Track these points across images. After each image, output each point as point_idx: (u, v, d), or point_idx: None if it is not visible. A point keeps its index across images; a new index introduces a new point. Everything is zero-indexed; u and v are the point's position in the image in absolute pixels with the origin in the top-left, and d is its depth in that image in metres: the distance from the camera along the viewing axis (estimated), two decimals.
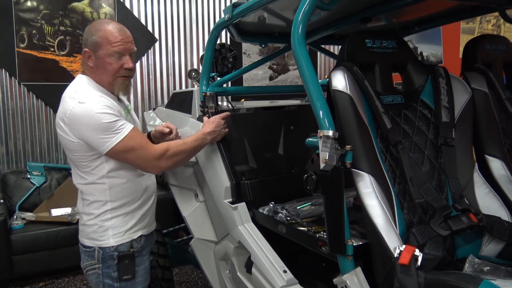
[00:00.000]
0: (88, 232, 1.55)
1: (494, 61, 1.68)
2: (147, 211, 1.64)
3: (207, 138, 1.70)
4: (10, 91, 3.68)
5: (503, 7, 1.58)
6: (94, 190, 1.52)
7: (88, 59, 1.50)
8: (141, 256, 1.61)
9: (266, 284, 1.49)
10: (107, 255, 1.53)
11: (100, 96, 1.47)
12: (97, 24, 1.51)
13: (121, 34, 1.49)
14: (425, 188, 1.30)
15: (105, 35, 1.47)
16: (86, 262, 1.57)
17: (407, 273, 1.08)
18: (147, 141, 1.53)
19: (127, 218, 1.56)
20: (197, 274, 3.20)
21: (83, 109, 1.41)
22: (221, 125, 1.76)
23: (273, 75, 4.98)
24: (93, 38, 1.47)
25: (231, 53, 2.22)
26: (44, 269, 3.17)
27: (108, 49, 1.47)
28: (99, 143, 1.42)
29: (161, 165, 1.53)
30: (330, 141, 1.12)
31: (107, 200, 1.52)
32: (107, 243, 1.52)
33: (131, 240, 1.56)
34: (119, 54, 1.49)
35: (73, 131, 1.43)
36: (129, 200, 1.56)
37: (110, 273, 1.54)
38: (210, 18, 4.49)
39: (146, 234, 1.64)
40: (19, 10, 3.64)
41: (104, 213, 1.53)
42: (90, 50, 1.49)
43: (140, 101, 4.22)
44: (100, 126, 1.40)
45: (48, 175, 3.60)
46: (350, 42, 1.38)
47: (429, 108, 1.45)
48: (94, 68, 1.51)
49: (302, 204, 1.65)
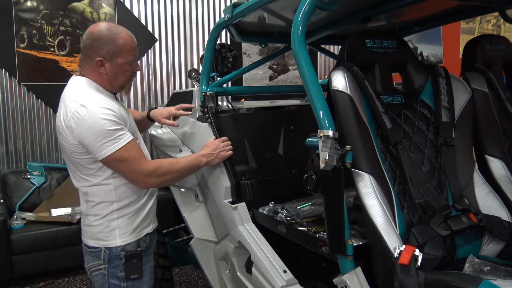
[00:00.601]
0: (93, 233, 1.54)
1: (494, 61, 1.68)
2: (150, 208, 1.65)
3: (202, 161, 1.70)
4: (10, 91, 3.68)
5: (503, 7, 1.58)
6: (99, 191, 1.51)
7: (100, 67, 1.48)
8: (147, 255, 1.62)
9: (266, 284, 1.49)
10: (113, 255, 1.52)
11: (103, 99, 1.46)
12: (110, 32, 1.47)
13: (135, 41, 1.52)
14: (425, 188, 1.30)
15: (124, 44, 1.48)
16: (91, 263, 1.56)
17: (407, 273, 1.08)
18: (142, 155, 1.52)
19: (133, 217, 1.56)
20: (197, 274, 3.20)
21: (85, 113, 1.40)
22: (219, 148, 1.75)
23: (273, 75, 4.98)
24: (111, 47, 1.46)
25: (231, 53, 2.22)
26: (44, 269, 3.16)
27: (127, 57, 1.49)
28: (97, 148, 1.41)
29: (150, 182, 1.53)
30: (330, 141, 1.12)
31: (113, 200, 1.52)
32: (114, 243, 1.52)
33: (138, 239, 1.57)
34: (134, 61, 1.53)
35: (74, 134, 1.42)
36: (134, 199, 1.56)
37: (116, 273, 1.53)
38: (210, 18, 4.49)
39: (150, 232, 1.65)
40: (19, 10, 3.64)
41: (110, 214, 1.52)
42: (106, 58, 1.47)
43: (140, 101, 4.22)
44: (101, 132, 1.40)
45: (48, 175, 3.60)
46: (350, 42, 1.38)
47: (429, 108, 1.45)
48: (106, 75, 1.50)
49: (302, 204, 1.65)
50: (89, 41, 1.47)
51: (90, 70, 1.51)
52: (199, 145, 1.95)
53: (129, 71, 1.53)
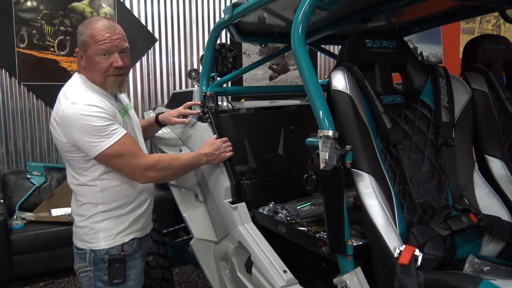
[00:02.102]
0: (80, 234, 1.53)
1: (494, 61, 1.68)
2: (142, 214, 1.61)
3: (202, 159, 1.67)
4: (10, 91, 3.68)
5: (503, 7, 1.58)
6: (86, 191, 1.50)
7: (80, 59, 1.48)
8: (133, 260, 1.58)
9: (266, 284, 1.49)
10: (98, 258, 1.50)
11: (95, 97, 1.44)
12: (86, 22, 1.47)
13: (109, 31, 1.43)
14: (425, 188, 1.30)
15: (92, 34, 1.43)
16: (79, 264, 1.55)
17: (407, 273, 1.08)
18: (139, 149, 1.50)
19: (119, 221, 1.53)
20: (197, 274, 3.20)
21: (74, 111, 1.38)
22: (221, 149, 1.72)
23: (273, 75, 4.98)
24: (82, 38, 1.45)
25: (231, 53, 2.22)
26: (44, 269, 3.17)
27: (95, 47, 1.43)
28: (89, 146, 1.39)
29: (149, 175, 1.50)
30: (330, 141, 1.12)
31: (98, 202, 1.50)
32: (98, 246, 1.50)
33: (122, 244, 1.53)
34: (107, 52, 1.44)
35: (64, 132, 1.40)
36: (122, 203, 1.54)
37: (101, 276, 1.52)
38: (210, 18, 4.49)
39: (139, 237, 1.61)
40: (19, 10, 3.64)
41: (95, 215, 1.50)
42: (80, 50, 1.47)
43: (140, 101, 4.22)
44: (90, 129, 1.37)
45: (48, 175, 3.60)
46: (350, 42, 1.38)
47: (429, 108, 1.45)
48: (86, 67, 1.49)
49: (302, 204, 1.65)
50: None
51: (78, 65, 1.52)
52: (199, 145, 1.95)
53: (102, 64, 1.45)
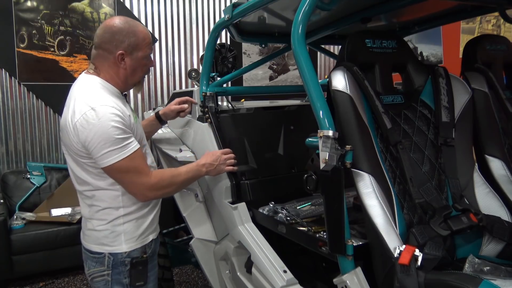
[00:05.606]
0: (97, 238, 1.47)
1: (494, 61, 1.68)
2: (156, 213, 1.60)
3: (202, 171, 1.64)
4: (10, 91, 3.68)
5: (503, 7, 1.58)
6: (105, 196, 1.45)
7: (121, 62, 1.44)
8: (152, 261, 1.58)
9: (266, 284, 1.49)
10: (118, 261, 1.46)
11: (112, 100, 1.39)
12: (130, 25, 1.44)
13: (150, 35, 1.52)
14: (425, 188, 1.30)
15: (143, 37, 1.46)
16: (93, 268, 1.48)
17: (407, 273, 1.08)
18: (145, 166, 1.45)
19: (139, 223, 1.50)
20: (197, 274, 3.20)
21: (95, 117, 1.33)
22: (221, 160, 1.68)
23: (273, 75, 4.98)
24: (132, 40, 1.43)
25: (231, 53, 2.22)
26: (44, 269, 3.17)
27: (146, 51, 1.48)
28: (101, 156, 1.35)
29: (150, 195, 1.48)
30: (330, 141, 1.12)
31: (119, 206, 1.46)
32: (119, 249, 1.46)
33: (144, 245, 1.51)
34: (150, 55, 1.52)
35: (80, 136, 1.35)
36: (142, 204, 1.51)
37: (120, 280, 1.47)
38: (210, 18, 4.49)
39: (155, 238, 1.61)
40: (19, 10, 3.64)
41: (117, 219, 1.46)
42: (126, 52, 1.43)
43: (140, 101, 4.22)
44: (108, 140, 1.33)
45: (48, 175, 3.60)
46: (350, 42, 1.38)
47: (429, 108, 1.45)
48: (125, 70, 1.46)
49: (302, 204, 1.65)
50: (108, 35, 1.41)
51: (108, 66, 1.45)
52: (199, 145, 1.95)
53: (146, 66, 1.52)
